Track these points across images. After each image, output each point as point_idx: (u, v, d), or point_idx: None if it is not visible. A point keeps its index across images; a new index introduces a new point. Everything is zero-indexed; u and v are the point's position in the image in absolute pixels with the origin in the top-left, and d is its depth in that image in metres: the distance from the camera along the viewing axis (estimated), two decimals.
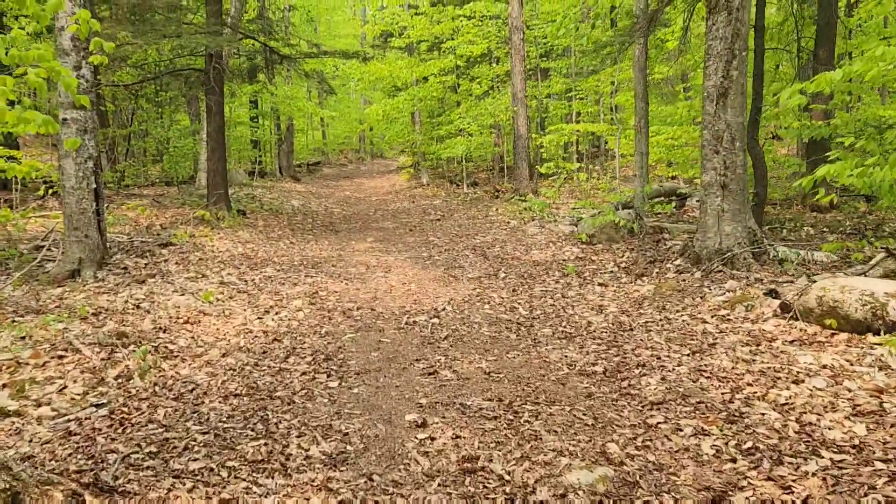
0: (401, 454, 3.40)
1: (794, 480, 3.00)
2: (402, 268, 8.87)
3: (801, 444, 3.34)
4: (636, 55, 9.84)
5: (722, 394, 4.08)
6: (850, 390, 3.95)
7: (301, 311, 6.61)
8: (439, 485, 3.07)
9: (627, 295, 6.89)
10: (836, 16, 11.00)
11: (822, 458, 3.16)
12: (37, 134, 3.36)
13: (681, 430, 3.60)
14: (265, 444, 3.43)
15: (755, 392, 4.05)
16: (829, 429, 3.46)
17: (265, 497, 2.94)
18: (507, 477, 3.14)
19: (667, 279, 7.21)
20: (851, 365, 4.36)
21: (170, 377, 4.50)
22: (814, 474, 3.03)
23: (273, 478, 3.12)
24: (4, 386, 4.00)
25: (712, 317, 5.73)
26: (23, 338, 4.97)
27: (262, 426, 3.69)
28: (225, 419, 3.78)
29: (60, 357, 4.63)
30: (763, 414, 3.72)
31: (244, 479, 3.10)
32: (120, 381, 4.32)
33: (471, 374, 4.66)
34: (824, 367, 4.36)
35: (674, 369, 4.58)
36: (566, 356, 5.03)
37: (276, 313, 6.48)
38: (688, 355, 4.85)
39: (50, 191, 10.83)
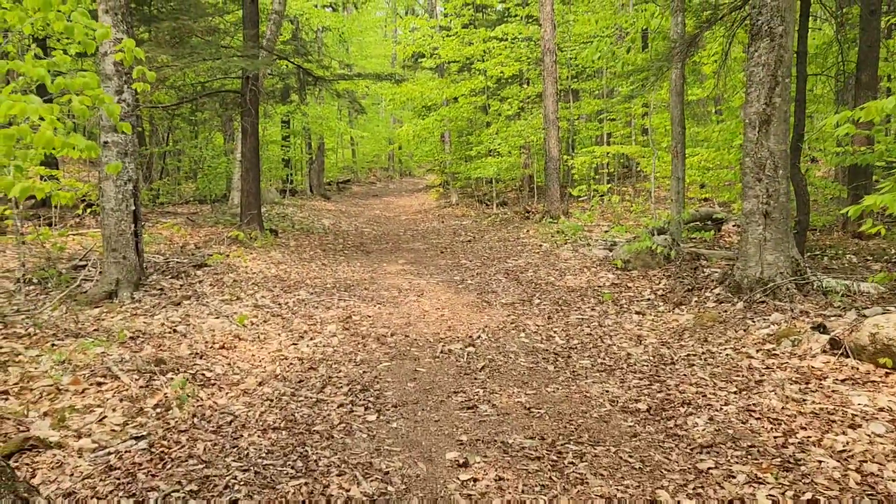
0: (443, 496, 3.31)
1: None
2: (434, 292, 8.80)
3: (863, 497, 3.18)
4: (673, 79, 9.72)
5: (774, 437, 3.92)
6: None
7: (335, 336, 6.57)
8: None
9: (666, 325, 6.74)
10: (879, 39, 10.77)
11: None
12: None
13: (733, 477, 3.45)
14: (305, 484, 3.36)
15: (809, 436, 3.88)
16: (894, 481, 3.30)
17: None
18: None
19: (707, 309, 7.04)
20: None
21: (207, 407, 4.47)
22: None
23: None
24: (46, 415, 4.00)
25: (757, 351, 5.55)
26: (62, 362, 5.00)
27: (302, 463, 3.63)
28: (264, 455, 3.73)
29: (99, 384, 4.63)
30: (820, 462, 3.56)
31: None
32: (158, 410, 4.30)
33: (510, 409, 4.55)
34: (881, 410, 4.18)
35: (721, 408, 4.42)
36: (607, 391, 4.91)
37: (311, 339, 6.45)
38: (735, 393, 4.69)
39: (88, 209, 11.02)
